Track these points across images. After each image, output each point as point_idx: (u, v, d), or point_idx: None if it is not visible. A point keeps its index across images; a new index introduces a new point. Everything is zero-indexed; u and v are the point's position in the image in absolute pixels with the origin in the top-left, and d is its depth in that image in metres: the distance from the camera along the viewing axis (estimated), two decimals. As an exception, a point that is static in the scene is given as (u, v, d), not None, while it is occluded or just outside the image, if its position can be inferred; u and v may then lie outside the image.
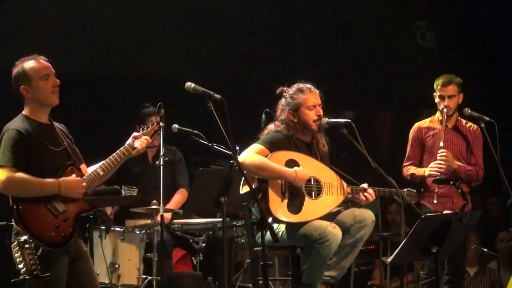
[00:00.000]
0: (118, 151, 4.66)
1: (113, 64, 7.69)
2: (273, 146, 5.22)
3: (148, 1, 7.87)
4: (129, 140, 4.72)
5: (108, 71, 7.70)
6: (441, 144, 5.98)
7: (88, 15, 7.55)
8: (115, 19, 7.58)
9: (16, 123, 4.45)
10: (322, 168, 5.34)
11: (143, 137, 4.74)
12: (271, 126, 5.43)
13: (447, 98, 6.04)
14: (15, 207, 4.35)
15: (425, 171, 6.03)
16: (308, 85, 5.39)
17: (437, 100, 6.11)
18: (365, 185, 5.37)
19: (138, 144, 4.69)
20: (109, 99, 7.77)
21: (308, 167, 5.25)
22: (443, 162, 5.94)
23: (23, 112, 4.53)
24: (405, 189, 5.55)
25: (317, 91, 5.40)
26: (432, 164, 6.00)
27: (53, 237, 4.37)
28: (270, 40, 8.28)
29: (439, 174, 5.91)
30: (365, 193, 5.35)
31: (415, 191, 5.68)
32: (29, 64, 4.46)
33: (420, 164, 6.17)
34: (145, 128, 4.83)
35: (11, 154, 4.36)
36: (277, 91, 5.43)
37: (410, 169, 6.14)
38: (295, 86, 5.40)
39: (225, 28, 8.07)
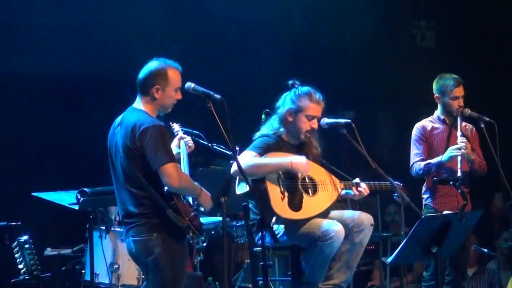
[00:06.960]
0: None
1: (113, 65, 7.67)
2: (264, 151, 5.22)
3: (148, 2, 7.87)
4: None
5: (108, 73, 7.68)
6: (459, 133, 5.93)
7: (87, 17, 7.54)
8: (114, 19, 7.57)
9: (152, 119, 4.53)
10: (314, 167, 5.36)
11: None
12: (263, 130, 5.41)
13: (460, 98, 6.03)
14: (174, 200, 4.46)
15: (442, 157, 5.92)
16: (318, 95, 5.35)
17: (446, 100, 6.04)
18: (357, 180, 5.38)
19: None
20: (108, 100, 7.75)
21: None
22: (464, 145, 5.86)
23: (144, 109, 4.58)
24: (395, 183, 5.47)
25: (323, 105, 5.37)
26: (451, 147, 5.91)
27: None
28: (271, 39, 8.28)
29: (460, 153, 5.82)
30: (358, 188, 5.37)
31: (402, 184, 5.60)
32: (173, 71, 4.61)
33: None
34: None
35: (170, 151, 4.50)
36: (289, 83, 5.40)
37: (422, 163, 6.01)
38: (306, 89, 5.36)
39: (225, 28, 8.07)
